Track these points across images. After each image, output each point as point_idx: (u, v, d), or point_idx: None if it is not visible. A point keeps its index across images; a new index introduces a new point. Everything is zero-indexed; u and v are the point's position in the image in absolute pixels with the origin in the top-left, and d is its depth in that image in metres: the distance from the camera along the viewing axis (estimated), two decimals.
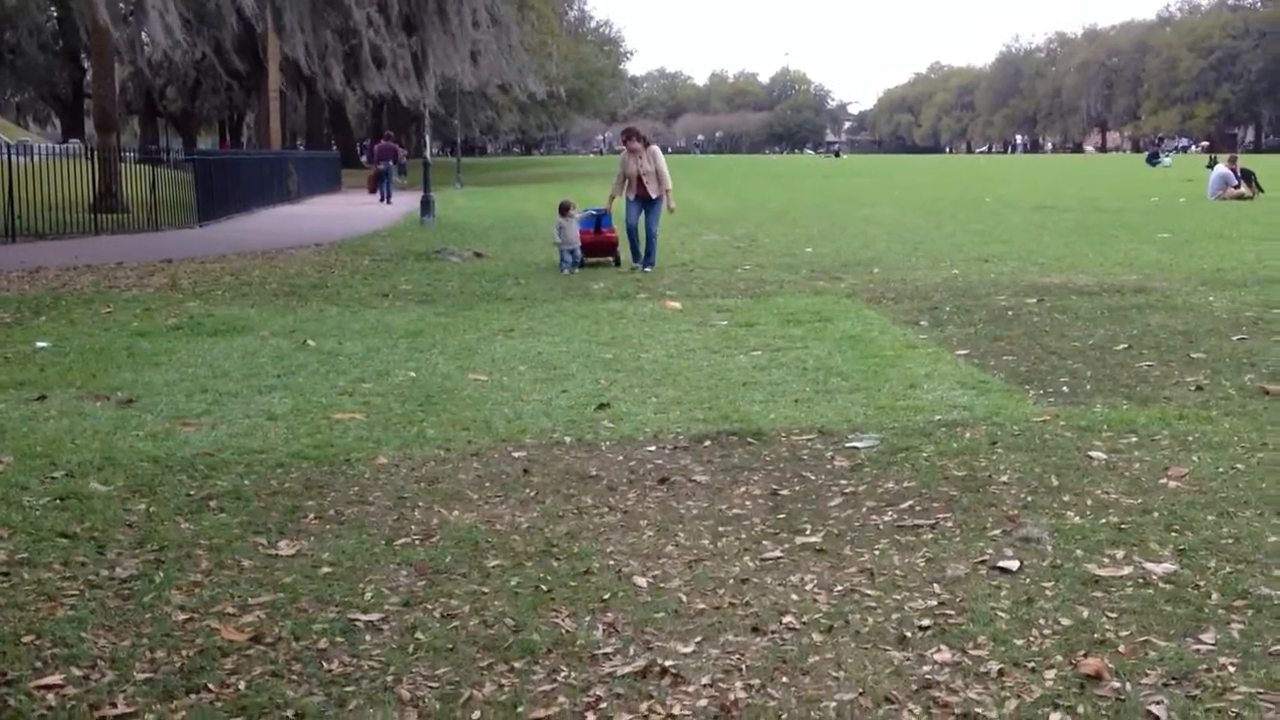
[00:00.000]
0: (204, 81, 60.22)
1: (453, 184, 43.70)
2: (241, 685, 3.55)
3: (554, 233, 15.48)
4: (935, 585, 4.30)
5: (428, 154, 28.82)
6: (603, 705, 3.43)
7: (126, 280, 14.36)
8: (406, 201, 32.27)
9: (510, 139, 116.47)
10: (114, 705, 3.42)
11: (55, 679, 3.57)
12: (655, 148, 15.53)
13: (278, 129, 45.26)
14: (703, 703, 3.44)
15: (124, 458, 6.06)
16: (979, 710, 3.36)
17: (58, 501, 5.32)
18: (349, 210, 31.14)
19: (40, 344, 9.55)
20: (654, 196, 15.26)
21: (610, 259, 15.77)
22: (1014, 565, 4.46)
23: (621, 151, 15.59)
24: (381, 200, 35.49)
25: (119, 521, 5.07)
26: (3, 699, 3.44)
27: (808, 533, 4.93)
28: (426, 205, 25.09)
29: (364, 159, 58.37)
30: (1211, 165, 35.08)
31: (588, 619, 4.04)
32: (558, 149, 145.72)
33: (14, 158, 20.07)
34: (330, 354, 9.21)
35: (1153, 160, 60.33)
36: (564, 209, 15.39)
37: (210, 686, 3.53)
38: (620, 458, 6.18)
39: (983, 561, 4.53)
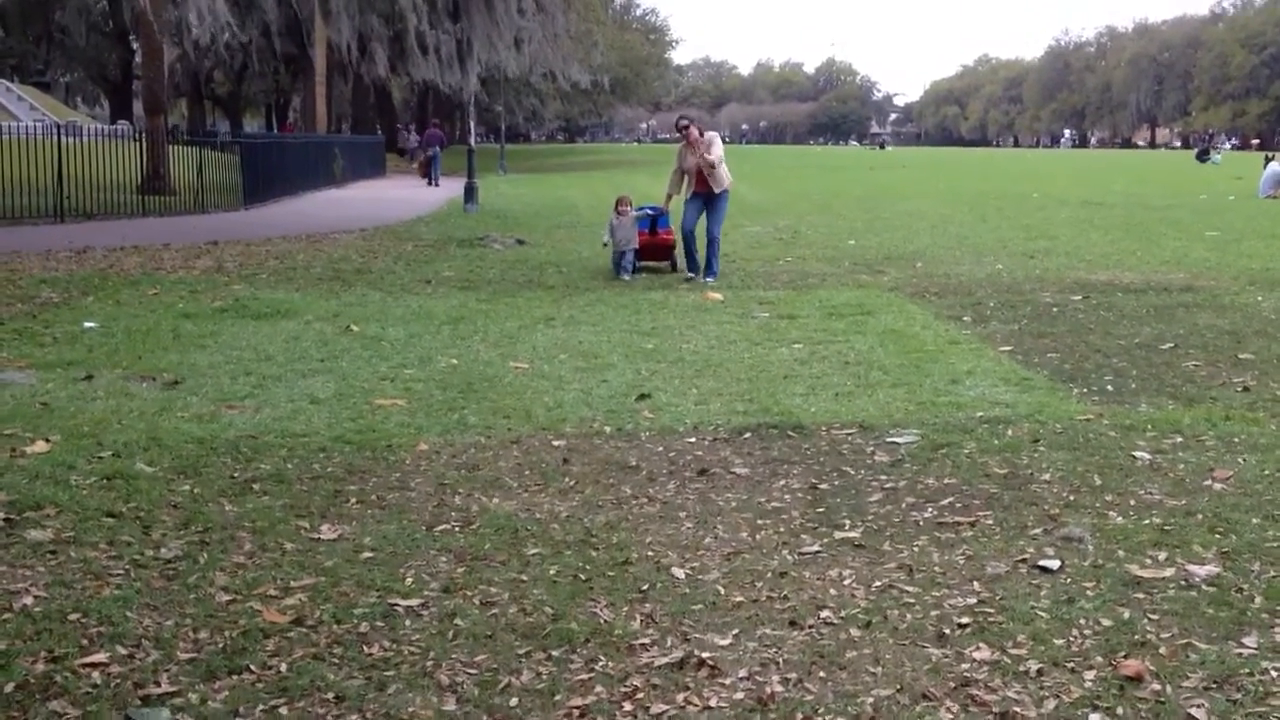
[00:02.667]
0: (251, 65, 60.57)
1: (496, 171, 43.83)
2: (283, 667, 3.59)
3: (604, 233, 13.82)
4: (975, 583, 4.29)
5: (471, 140, 28.90)
6: (640, 695, 3.45)
7: (173, 262, 14.51)
8: (450, 188, 32.43)
9: (554, 126, 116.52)
10: (158, 684, 3.46)
11: (100, 657, 3.62)
12: (713, 135, 13.37)
13: (323, 113, 45.51)
14: (739, 695, 3.45)
15: (169, 439, 6.13)
16: (1017, 709, 3.35)
17: (104, 481, 5.39)
18: (393, 195, 31.30)
19: (87, 324, 9.67)
20: (717, 193, 13.07)
21: (666, 264, 13.97)
22: (1055, 564, 4.44)
23: (680, 142, 13.47)
24: (430, 184, 36.77)
25: (164, 502, 5.14)
26: (49, 676, 3.49)
27: (847, 528, 4.92)
28: (470, 192, 25.17)
29: (404, 146, 58.69)
30: (1270, 162, 34.56)
31: (626, 608, 4.06)
32: (602, 137, 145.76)
33: (63, 138, 20.30)
34: (373, 339, 9.27)
35: (1202, 157, 59.60)
36: (619, 205, 13.65)
37: (252, 668, 3.58)
38: (660, 448, 6.18)
39: (1023, 560, 4.51)
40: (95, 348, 8.70)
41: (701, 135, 13.12)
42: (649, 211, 13.90)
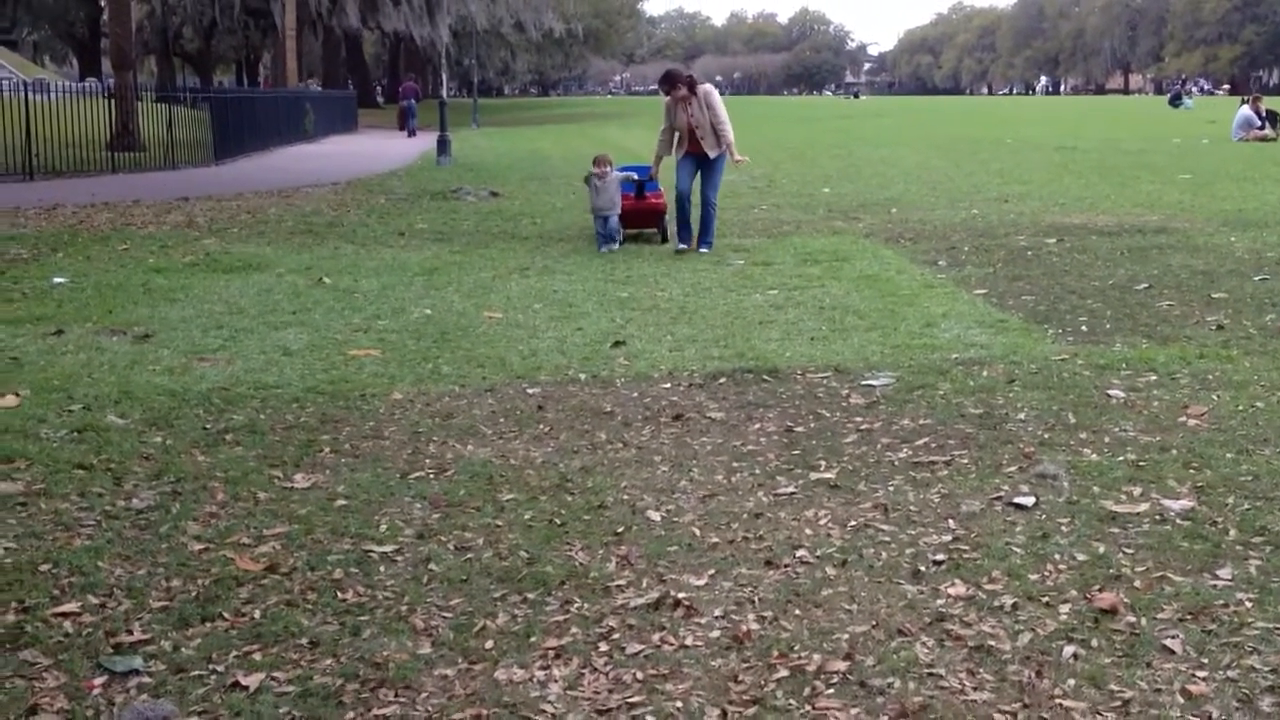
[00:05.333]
0: (220, 21, 59.82)
1: (469, 124, 43.53)
2: (256, 614, 3.56)
3: (590, 196, 11.88)
4: (950, 521, 4.29)
5: (444, 93, 28.63)
6: (616, 636, 3.44)
7: (143, 217, 14.35)
8: (425, 140, 32.19)
9: (527, 80, 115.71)
10: (130, 633, 3.44)
11: (72, 607, 3.59)
12: (708, 88, 11.39)
13: (294, 68, 45.03)
14: (715, 634, 3.44)
15: (141, 391, 6.07)
16: (992, 643, 3.36)
17: (75, 434, 5.34)
18: (365, 149, 31.04)
19: (57, 279, 9.56)
20: (712, 156, 11.28)
21: (656, 231, 12.30)
22: (1029, 501, 4.44)
23: (666, 96, 11.48)
24: (409, 134, 38.20)
25: (135, 454, 5.09)
26: (20, 626, 3.46)
27: (822, 469, 4.92)
28: (443, 145, 24.97)
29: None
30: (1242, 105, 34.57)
31: (602, 551, 4.05)
32: (575, 90, 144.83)
33: (31, 95, 20.00)
34: (346, 291, 9.20)
35: (1175, 102, 59.62)
36: (597, 165, 11.81)
37: (225, 615, 3.55)
38: (635, 394, 6.16)
39: (998, 498, 4.51)
40: (65, 303, 8.61)
41: (694, 92, 11.18)
42: (634, 176, 12.07)
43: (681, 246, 11.35)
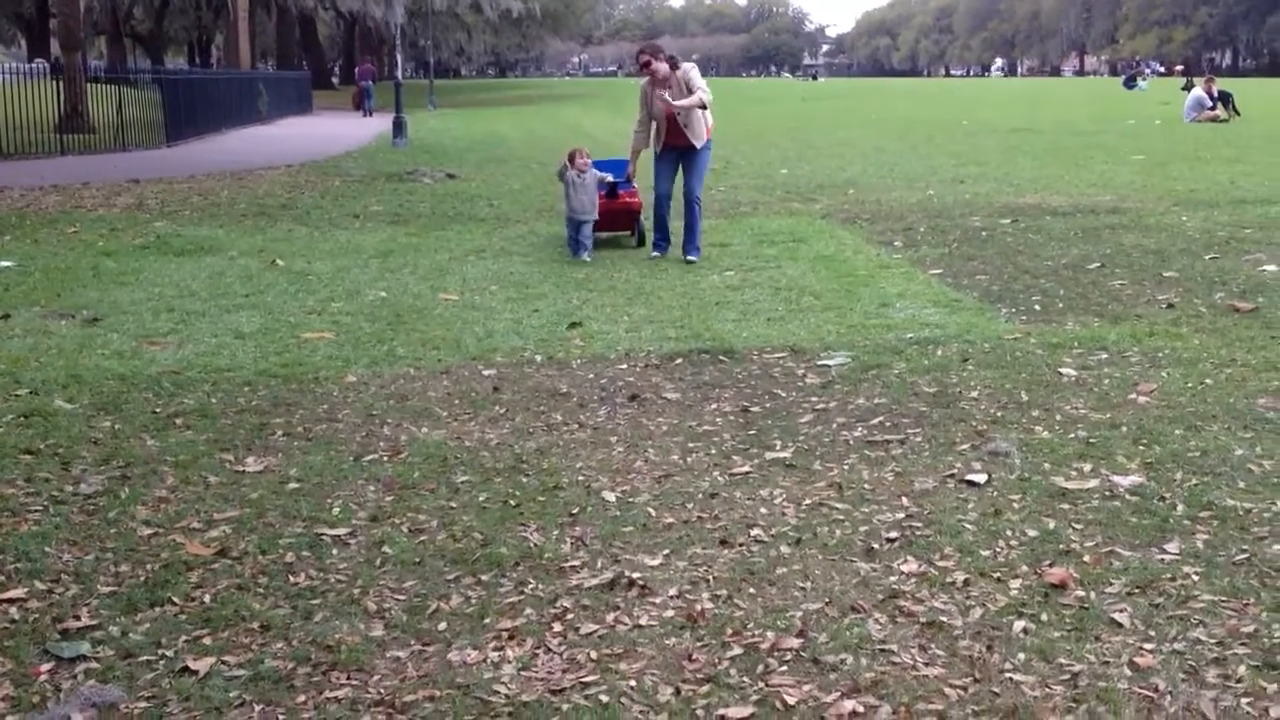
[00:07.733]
0: (172, 1, 59.09)
1: (426, 106, 43.24)
2: (206, 598, 3.53)
3: (566, 196, 10.21)
4: (903, 498, 4.31)
5: (399, 74, 28.41)
6: (569, 616, 3.43)
7: (93, 200, 14.17)
8: (379, 122, 31.97)
9: (484, 61, 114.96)
10: (77, 618, 3.40)
11: (18, 592, 3.55)
12: (688, 67, 10.00)
13: (247, 49, 44.54)
14: (670, 613, 3.45)
15: (89, 376, 6.00)
16: (944, 619, 3.38)
17: (21, 419, 5.27)
18: (320, 131, 30.75)
19: (4, 263, 9.42)
20: (697, 146, 9.91)
21: (630, 234, 10.96)
22: (982, 479, 4.47)
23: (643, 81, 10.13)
24: (365, 115, 39.09)
25: (84, 438, 5.03)
26: None
27: (777, 448, 4.93)
28: (399, 126, 24.77)
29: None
30: (1188, 88, 34.91)
31: (556, 532, 4.04)
32: (533, 72, 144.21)
33: None
34: (300, 274, 9.12)
35: (1130, 84, 60.09)
36: (574, 158, 10.24)
37: (174, 600, 3.52)
38: (591, 375, 6.15)
39: (951, 475, 4.54)
40: (12, 286, 8.48)
41: (676, 69, 9.85)
42: (609, 178, 10.56)
43: (655, 254, 10.04)
